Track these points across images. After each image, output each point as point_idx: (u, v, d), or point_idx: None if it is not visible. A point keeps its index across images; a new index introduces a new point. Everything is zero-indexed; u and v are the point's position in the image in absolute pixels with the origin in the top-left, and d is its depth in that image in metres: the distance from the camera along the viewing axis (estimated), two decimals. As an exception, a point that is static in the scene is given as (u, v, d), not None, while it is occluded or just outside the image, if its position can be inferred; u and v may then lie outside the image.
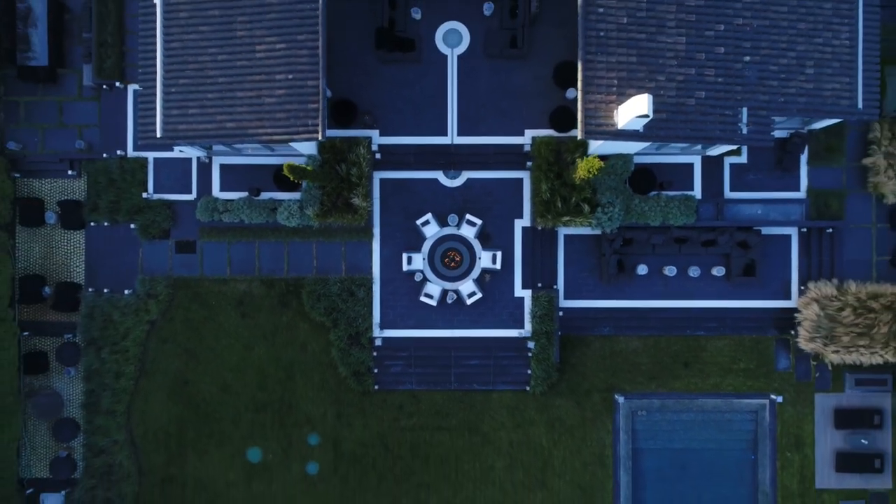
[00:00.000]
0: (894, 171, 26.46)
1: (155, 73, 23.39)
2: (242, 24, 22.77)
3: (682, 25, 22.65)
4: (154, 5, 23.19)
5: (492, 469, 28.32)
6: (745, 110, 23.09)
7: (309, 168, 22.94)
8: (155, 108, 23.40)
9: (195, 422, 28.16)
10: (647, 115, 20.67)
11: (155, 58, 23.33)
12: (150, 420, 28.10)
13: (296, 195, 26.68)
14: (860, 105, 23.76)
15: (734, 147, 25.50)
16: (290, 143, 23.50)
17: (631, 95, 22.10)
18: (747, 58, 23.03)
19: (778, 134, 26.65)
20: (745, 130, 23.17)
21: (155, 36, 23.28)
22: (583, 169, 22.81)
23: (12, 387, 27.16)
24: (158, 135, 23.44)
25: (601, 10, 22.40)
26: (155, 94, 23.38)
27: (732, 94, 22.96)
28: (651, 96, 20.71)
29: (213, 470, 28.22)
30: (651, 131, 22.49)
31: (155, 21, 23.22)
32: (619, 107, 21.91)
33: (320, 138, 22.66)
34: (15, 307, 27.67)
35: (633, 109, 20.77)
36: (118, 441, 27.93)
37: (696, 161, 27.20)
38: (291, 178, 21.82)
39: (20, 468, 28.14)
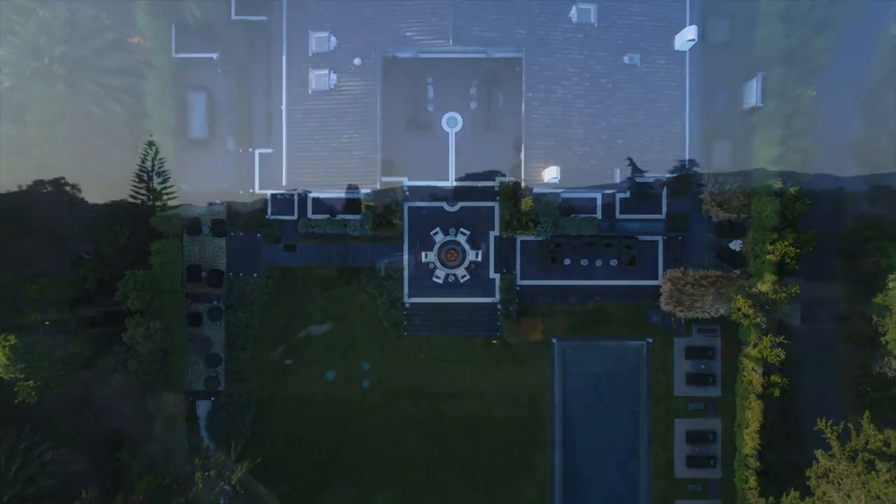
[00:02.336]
0: (716, 203, 43.42)
1: (282, 148, 40.49)
2: (333, 122, 39.89)
3: (581, 123, 39.72)
4: (282, 110, 40.34)
5: (476, 385, 44.79)
6: (618, 170, 40.23)
7: (373, 205, 40.28)
8: (282, 169, 40.58)
9: (293, 354, 44.74)
10: (556, 178, 37.91)
11: (282, 140, 40.47)
12: (265, 354, 44.67)
13: (357, 216, 43.62)
14: (687, 167, 41.00)
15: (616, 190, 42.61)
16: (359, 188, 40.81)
17: (552, 164, 39.25)
18: (620, 140, 40.14)
19: (647, 180, 43.79)
20: (618, 182, 40.39)
21: (282, 127, 40.46)
22: (524, 205, 40.21)
23: (181, 334, 43.66)
24: (283, 184, 40.59)
25: (536, 115, 39.54)
26: (282, 160, 40.55)
27: (611, 162, 40.07)
28: (559, 167, 37.99)
29: (303, 384, 44.59)
30: (564, 183, 39.66)
31: (282, 119, 40.41)
32: (544, 171, 39.14)
33: (378, 187, 39.87)
34: (184, 284, 44.62)
35: (550, 174, 38.05)
36: (246, 367, 44.79)
37: (598, 196, 44.15)
38: (364, 211, 39.10)
39: (186, 384, 44.80)
